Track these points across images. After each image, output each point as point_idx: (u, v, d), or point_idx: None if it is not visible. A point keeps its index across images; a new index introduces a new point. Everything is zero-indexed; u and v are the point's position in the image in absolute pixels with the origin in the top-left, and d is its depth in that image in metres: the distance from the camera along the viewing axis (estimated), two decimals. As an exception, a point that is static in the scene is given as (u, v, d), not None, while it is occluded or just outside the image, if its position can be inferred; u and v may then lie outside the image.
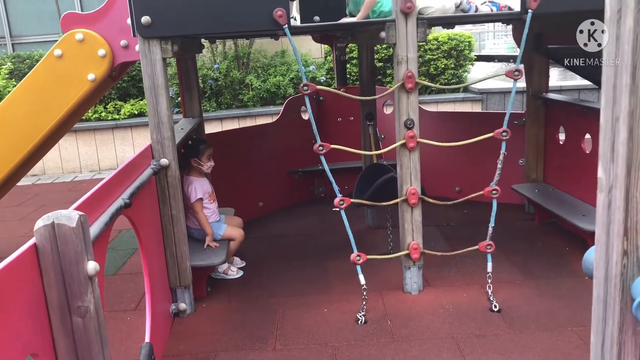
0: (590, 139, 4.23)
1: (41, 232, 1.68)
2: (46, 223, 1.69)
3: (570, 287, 3.58)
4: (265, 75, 9.04)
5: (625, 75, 1.25)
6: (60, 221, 1.69)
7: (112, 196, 2.48)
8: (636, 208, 1.28)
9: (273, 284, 3.92)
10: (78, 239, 1.72)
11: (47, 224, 1.69)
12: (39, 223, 1.69)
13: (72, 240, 1.70)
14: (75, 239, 1.71)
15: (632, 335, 1.34)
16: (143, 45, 3.18)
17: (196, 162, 3.96)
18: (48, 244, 1.69)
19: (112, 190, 2.49)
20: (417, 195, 3.45)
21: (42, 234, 1.68)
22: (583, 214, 4.04)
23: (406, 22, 3.24)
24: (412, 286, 3.61)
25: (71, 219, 1.70)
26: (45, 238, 1.68)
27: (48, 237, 1.69)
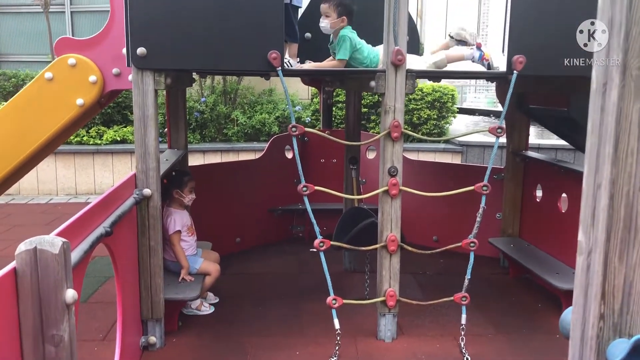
0: (566, 198, 4.33)
1: (22, 256, 1.67)
2: (28, 248, 1.67)
3: (541, 344, 3.60)
4: (251, 112, 9.12)
5: (608, 145, 1.31)
6: (42, 247, 1.68)
7: (94, 224, 2.47)
8: (614, 273, 1.33)
9: (246, 323, 3.88)
10: (59, 266, 1.70)
11: (29, 248, 1.67)
12: (21, 247, 1.68)
13: (53, 267, 1.69)
14: (56, 265, 1.69)
15: (605, 399, 1.36)
16: (136, 76, 3.21)
17: (178, 194, 3.95)
18: (28, 269, 1.67)
19: (93, 218, 2.47)
20: (396, 243, 3.48)
21: (23, 259, 1.67)
22: (557, 271, 4.10)
23: (396, 73, 3.33)
24: (386, 333, 3.60)
25: (54, 245, 1.69)
26: (26, 263, 1.67)
27: (29, 262, 1.67)
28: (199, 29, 3.18)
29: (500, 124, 3.44)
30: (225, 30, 3.19)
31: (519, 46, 3.37)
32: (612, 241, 1.32)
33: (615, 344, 1.33)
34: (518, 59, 3.34)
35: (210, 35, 3.19)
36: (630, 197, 1.30)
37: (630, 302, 1.33)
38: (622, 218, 1.30)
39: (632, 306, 1.33)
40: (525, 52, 3.34)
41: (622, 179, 1.30)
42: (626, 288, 1.33)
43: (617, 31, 1.27)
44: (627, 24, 1.25)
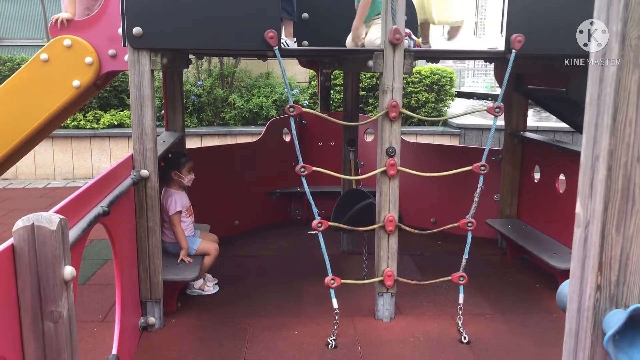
0: (564, 179, 4.33)
1: (20, 233, 1.66)
2: (26, 224, 1.67)
3: (538, 323, 3.62)
4: (248, 96, 9.08)
5: (606, 116, 1.30)
6: (40, 223, 1.68)
7: (91, 203, 2.46)
8: (611, 244, 1.33)
9: (245, 304, 3.89)
10: (57, 242, 1.70)
11: (26, 225, 1.67)
12: (19, 224, 1.68)
13: (51, 244, 1.69)
14: (54, 242, 1.69)
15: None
16: (132, 56, 3.18)
17: (177, 175, 3.95)
18: (26, 245, 1.67)
19: (91, 197, 2.47)
20: (394, 223, 3.49)
21: (20, 235, 1.66)
22: (554, 251, 4.11)
23: (394, 52, 3.31)
24: (384, 313, 3.62)
25: (52, 221, 1.69)
26: (24, 239, 1.67)
27: (27, 238, 1.67)
28: (195, 8, 3.15)
29: (499, 104, 3.43)
30: (221, 9, 3.17)
31: (517, 25, 3.35)
32: (610, 212, 1.32)
33: (612, 314, 1.34)
34: (517, 38, 3.32)
35: (207, 14, 3.16)
36: (628, 168, 1.30)
37: (626, 273, 1.34)
38: (620, 189, 1.30)
39: (628, 277, 1.34)
40: (523, 31, 3.32)
41: (620, 150, 1.29)
42: (623, 259, 1.33)
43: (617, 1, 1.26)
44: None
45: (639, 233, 1.32)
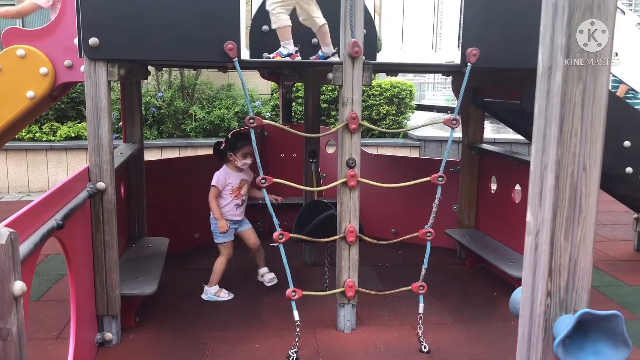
0: (520, 189, 4.44)
1: (-33, 247, 1.61)
2: (-27, 238, 1.62)
3: (497, 331, 3.68)
4: (209, 107, 9.03)
5: (553, 127, 1.35)
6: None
7: (45, 217, 2.40)
8: (560, 251, 1.37)
9: (205, 318, 3.84)
10: (6, 256, 1.65)
11: (-26, 239, 1.61)
12: (-34, 238, 1.62)
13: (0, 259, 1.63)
14: (3, 256, 1.64)
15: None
16: (89, 67, 3.13)
17: (231, 157, 4.17)
18: (-27, 260, 1.61)
19: (44, 211, 2.41)
20: (355, 234, 3.51)
21: (-33, 250, 1.61)
22: (511, 260, 4.20)
23: (353, 65, 3.34)
24: (345, 324, 3.62)
25: (0, 235, 1.64)
26: (-29, 254, 1.61)
27: (-26, 253, 1.61)
28: (153, 19, 3.12)
29: (455, 116, 3.49)
30: (180, 20, 3.15)
31: (472, 39, 3.43)
32: (558, 220, 1.36)
33: (561, 319, 1.38)
34: (472, 52, 3.40)
35: (165, 25, 3.14)
36: (574, 177, 1.34)
37: (575, 279, 1.38)
38: (568, 197, 1.35)
39: (576, 283, 1.38)
40: (478, 45, 3.40)
41: (567, 159, 1.34)
42: (571, 265, 1.37)
43: (561, 15, 1.31)
44: (569, 8, 1.29)
45: (586, 240, 1.37)
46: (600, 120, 1.34)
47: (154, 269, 3.88)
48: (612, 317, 1.28)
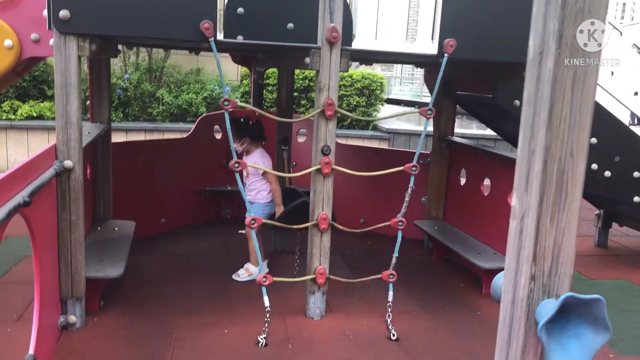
0: (489, 182, 4.49)
1: None
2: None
3: (464, 321, 3.73)
4: (177, 91, 8.88)
5: (543, 112, 1.35)
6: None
7: (10, 193, 2.31)
8: (545, 235, 1.38)
9: (172, 303, 3.77)
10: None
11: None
12: None
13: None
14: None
15: (533, 357, 1.42)
16: (58, 40, 3.02)
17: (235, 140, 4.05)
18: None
19: (10, 188, 2.31)
20: (327, 221, 3.49)
21: None
22: (479, 252, 4.26)
23: (331, 51, 3.32)
24: (315, 311, 3.61)
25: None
26: None
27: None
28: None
29: (431, 107, 3.51)
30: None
31: (449, 30, 3.44)
32: (545, 204, 1.37)
33: (544, 304, 1.39)
34: (449, 43, 3.41)
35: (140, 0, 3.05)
36: (562, 162, 1.35)
37: (558, 263, 1.39)
38: (555, 182, 1.35)
39: (560, 267, 1.39)
40: (455, 36, 3.41)
41: (555, 145, 1.34)
42: (555, 250, 1.38)
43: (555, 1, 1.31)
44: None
45: (570, 225, 1.38)
46: (588, 108, 1.35)
47: (120, 253, 3.79)
48: (595, 301, 1.29)
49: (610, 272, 4.83)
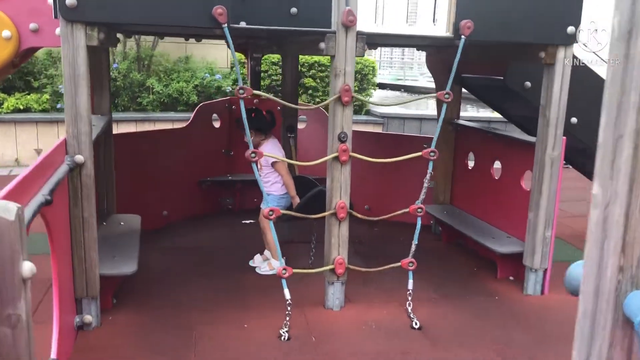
0: (499, 165, 4.44)
1: (-30, 225, 1.42)
2: (-23, 215, 1.43)
3: (482, 306, 3.70)
4: (167, 80, 8.69)
5: (633, 94, 1.27)
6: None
7: (31, 192, 2.19)
8: (634, 225, 1.31)
9: (186, 298, 3.68)
10: (15, 235, 1.47)
11: (-22, 215, 1.43)
12: (-32, 214, 1.43)
13: (8, 236, 1.45)
14: (12, 235, 1.46)
15: (620, 351, 1.36)
16: (65, 29, 2.87)
17: None
18: (-22, 239, 1.42)
19: (30, 186, 2.20)
20: (345, 210, 3.42)
21: (-30, 228, 1.42)
22: (492, 236, 4.22)
23: (346, 35, 3.22)
24: (334, 302, 3.55)
25: (9, 210, 1.46)
26: (-25, 233, 1.42)
27: (-22, 231, 1.42)
28: (138, -21, 2.90)
29: (448, 90, 3.43)
30: (167, -19, 2.93)
31: (466, 11, 3.36)
32: (634, 192, 1.30)
33: (633, 295, 1.33)
34: (466, 24, 3.32)
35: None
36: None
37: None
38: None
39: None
40: (473, 17, 3.33)
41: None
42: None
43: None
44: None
45: (661, 213, 1.31)
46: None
47: (130, 248, 3.68)
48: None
49: (619, 251, 4.83)
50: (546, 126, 3.67)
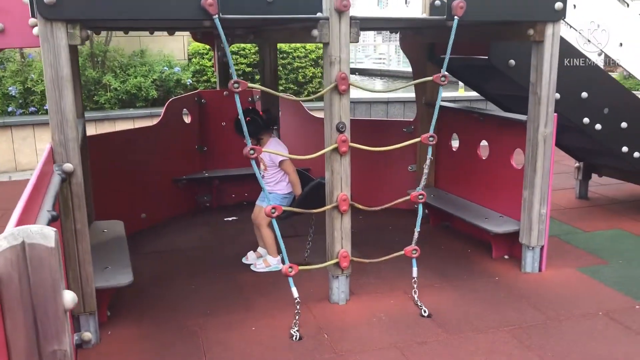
0: (487, 145, 4.44)
1: (6, 256, 1.26)
2: (13, 243, 1.26)
3: (485, 288, 3.69)
4: (124, 76, 8.36)
5: None
6: (33, 240, 1.28)
7: (35, 209, 2.01)
8: None
9: (184, 304, 3.53)
10: (55, 262, 1.32)
11: (14, 244, 1.26)
12: (3, 243, 1.26)
13: (48, 265, 1.30)
14: (52, 262, 1.31)
15: None
16: (44, 29, 2.65)
17: None
18: (15, 271, 1.27)
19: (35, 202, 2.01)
20: (347, 202, 3.33)
21: (7, 259, 1.26)
22: (485, 217, 4.22)
23: (340, 20, 3.11)
24: (340, 296, 3.47)
25: (47, 237, 1.30)
26: (12, 264, 1.26)
27: (16, 261, 1.26)
28: (122, -30, 2.69)
29: (444, 73, 3.38)
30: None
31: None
32: None
33: None
34: (458, 4, 3.26)
35: (135, -23, 2.72)
36: None
37: None
38: None
39: None
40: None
41: None
42: None
43: None
44: None
45: None
46: None
47: (121, 256, 3.50)
48: None
49: (601, 222, 4.94)
50: (537, 104, 3.67)
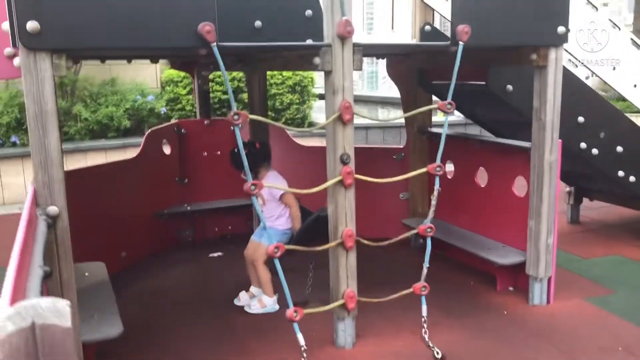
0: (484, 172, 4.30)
1: (12, 343, 1.01)
2: (21, 326, 1.02)
3: (495, 324, 3.52)
4: (95, 106, 8.04)
5: None
6: (45, 320, 1.04)
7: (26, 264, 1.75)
8: None
9: (177, 351, 3.25)
10: (70, 345, 1.07)
11: (23, 327, 1.02)
12: (7, 326, 1.02)
13: (63, 349, 1.06)
14: (68, 347, 1.06)
15: None
16: (27, 59, 2.40)
17: None
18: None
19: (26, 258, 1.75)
20: (353, 238, 3.14)
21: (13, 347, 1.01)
22: (487, 247, 4.07)
23: (343, 47, 2.94)
24: (347, 339, 3.24)
25: (62, 314, 1.06)
26: (20, 352, 1.02)
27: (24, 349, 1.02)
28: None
29: (450, 101, 3.24)
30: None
31: (462, 16, 3.18)
32: None
33: None
34: (464, 29, 3.14)
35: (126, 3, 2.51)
36: None
37: None
38: None
39: None
40: (469, 21, 3.15)
41: None
42: None
43: None
44: None
45: None
46: None
47: (107, 303, 3.21)
48: None
49: (598, 248, 4.85)
50: (542, 130, 3.56)
